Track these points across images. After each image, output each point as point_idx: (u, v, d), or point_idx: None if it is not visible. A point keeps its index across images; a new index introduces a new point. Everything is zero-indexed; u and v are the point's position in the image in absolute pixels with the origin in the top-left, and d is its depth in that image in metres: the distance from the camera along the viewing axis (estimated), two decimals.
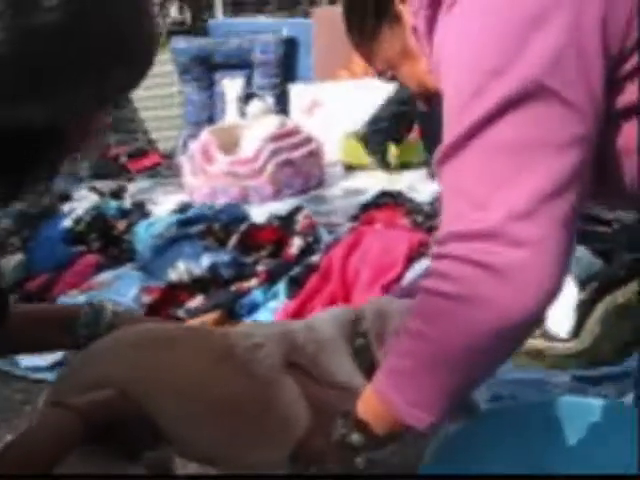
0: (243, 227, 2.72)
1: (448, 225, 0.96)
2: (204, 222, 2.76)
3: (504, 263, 0.88)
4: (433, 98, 1.22)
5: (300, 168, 4.29)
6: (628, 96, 0.95)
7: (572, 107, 0.89)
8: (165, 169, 5.32)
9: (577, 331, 1.97)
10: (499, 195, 0.89)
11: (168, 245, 2.61)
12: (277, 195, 4.20)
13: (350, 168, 4.84)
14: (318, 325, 1.34)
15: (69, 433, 1.06)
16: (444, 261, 0.94)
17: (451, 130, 0.94)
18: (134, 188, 4.76)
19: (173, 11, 18.51)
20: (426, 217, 3.04)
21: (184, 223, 2.77)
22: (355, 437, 1.11)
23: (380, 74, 1.29)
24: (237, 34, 5.65)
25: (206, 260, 2.48)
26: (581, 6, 0.90)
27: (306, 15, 6.51)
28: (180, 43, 5.65)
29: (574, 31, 0.89)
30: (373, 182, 4.34)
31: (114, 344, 1.26)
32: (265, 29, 5.72)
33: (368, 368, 1.24)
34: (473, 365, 0.98)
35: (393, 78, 1.30)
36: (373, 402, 1.11)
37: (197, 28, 6.44)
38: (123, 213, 3.72)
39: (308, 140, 4.46)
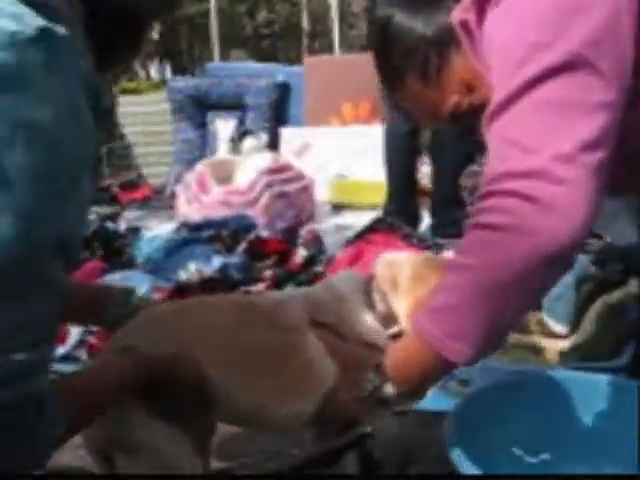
0: (251, 236, 2.84)
1: (497, 168, 1.08)
2: (213, 228, 2.87)
3: (548, 197, 1.01)
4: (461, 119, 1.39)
5: (293, 201, 4.43)
6: None
7: (604, 78, 1.05)
8: (155, 202, 5.44)
9: (574, 328, 2.11)
10: (545, 142, 1.03)
11: (178, 247, 2.71)
12: (269, 226, 4.32)
13: (338, 208, 5.04)
14: (336, 284, 1.43)
15: (133, 376, 1.15)
16: (493, 197, 1.06)
17: (500, 92, 1.10)
18: (126, 216, 4.86)
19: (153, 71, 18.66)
20: (420, 241, 3.18)
21: (194, 228, 2.88)
22: (387, 389, 1.17)
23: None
24: (232, 77, 5.87)
25: (217, 261, 2.58)
26: (620, 1, 1.08)
27: (299, 62, 6.79)
28: (177, 82, 5.85)
29: (612, 20, 1.07)
30: (362, 219, 4.51)
31: (158, 316, 1.35)
32: (259, 73, 5.95)
33: (385, 318, 1.35)
34: (514, 296, 1.07)
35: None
36: (409, 342, 1.18)
37: (194, 69, 6.66)
38: (119, 236, 3.83)
39: (301, 176, 4.62)
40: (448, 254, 2.58)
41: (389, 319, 1.34)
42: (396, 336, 1.32)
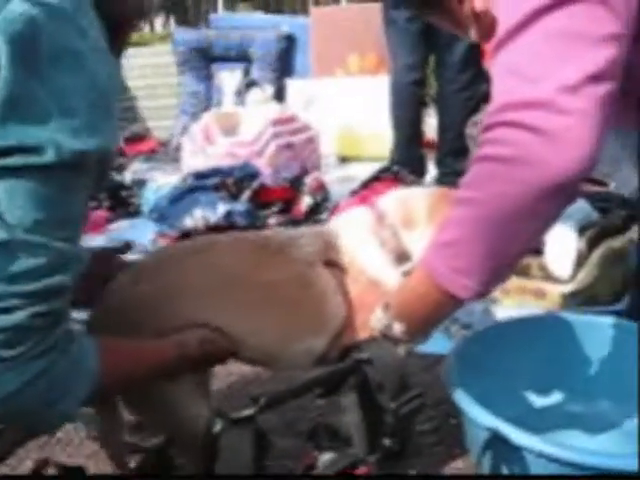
0: (255, 184, 2.85)
1: (500, 98, 1.07)
2: (219, 176, 2.88)
3: (552, 128, 1.00)
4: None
5: (298, 153, 4.41)
6: None
7: (612, 9, 1.03)
8: (161, 154, 5.43)
9: (576, 273, 2.12)
10: (550, 72, 1.02)
11: (184, 195, 2.72)
12: (275, 177, 4.31)
13: (343, 160, 5.04)
14: (347, 222, 1.42)
15: (174, 365, 1.21)
16: (496, 129, 1.05)
17: (506, 21, 1.07)
18: (132, 168, 4.86)
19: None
20: None
21: (199, 177, 2.89)
22: (396, 327, 1.18)
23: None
24: (237, 29, 5.81)
25: (222, 208, 2.60)
26: None
27: (305, 13, 6.72)
28: (181, 34, 5.80)
29: None
30: (367, 171, 4.50)
31: (171, 258, 1.32)
32: (264, 25, 5.90)
33: (397, 256, 1.34)
34: (519, 228, 1.07)
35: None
36: (416, 280, 1.19)
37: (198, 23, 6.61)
38: (125, 187, 3.84)
39: (306, 127, 4.60)
40: None
41: (401, 256, 1.34)
42: (410, 273, 1.31)
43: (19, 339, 0.92)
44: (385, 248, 1.34)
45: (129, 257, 1.57)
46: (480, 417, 1.28)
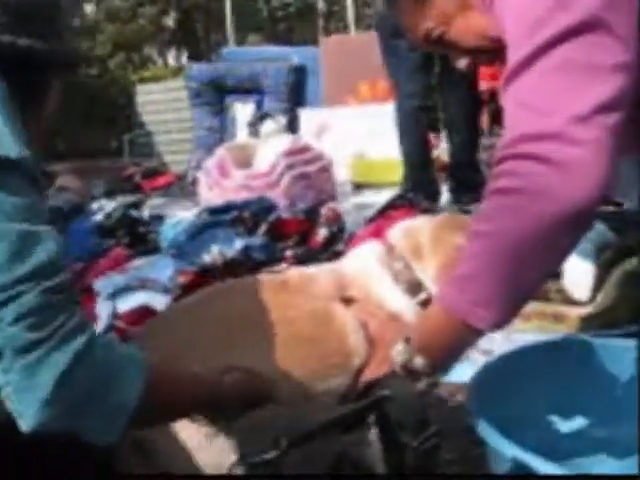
0: (271, 217, 2.87)
1: (512, 132, 1.08)
2: (235, 211, 2.91)
3: (565, 158, 1.01)
4: (492, 52, 1.37)
5: (313, 182, 4.45)
6: None
7: (620, 39, 1.06)
8: (178, 189, 5.49)
9: (594, 295, 2.12)
10: (561, 104, 1.04)
11: (201, 230, 2.75)
12: (291, 208, 4.34)
13: (358, 187, 5.07)
14: (360, 257, 1.43)
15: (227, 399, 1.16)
16: (509, 161, 1.07)
17: (516, 54, 1.10)
18: (149, 204, 4.92)
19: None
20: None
21: (215, 212, 2.92)
22: (417, 361, 1.17)
23: (426, 38, 1.40)
24: (248, 61, 5.90)
25: (239, 243, 2.61)
26: None
27: (314, 43, 6.80)
28: (193, 68, 5.89)
29: None
30: (382, 197, 4.53)
31: (192, 305, 1.34)
32: (275, 57, 5.98)
33: (411, 287, 1.35)
34: (535, 260, 1.07)
35: (437, 42, 1.44)
36: (435, 313, 1.19)
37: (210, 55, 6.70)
38: (143, 223, 3.88)
39: (320, 156, 4.64)
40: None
41: (415, 287, 1.35)
42: (425, 303, 1.33)
43: (45, 319, 0.89)
44: (399, 280, 1.35)
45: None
46: (502, 447, 1.27)
